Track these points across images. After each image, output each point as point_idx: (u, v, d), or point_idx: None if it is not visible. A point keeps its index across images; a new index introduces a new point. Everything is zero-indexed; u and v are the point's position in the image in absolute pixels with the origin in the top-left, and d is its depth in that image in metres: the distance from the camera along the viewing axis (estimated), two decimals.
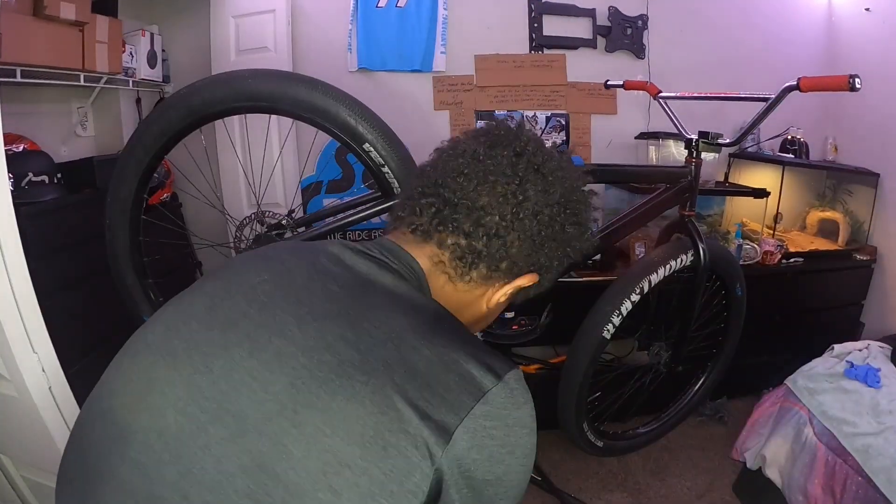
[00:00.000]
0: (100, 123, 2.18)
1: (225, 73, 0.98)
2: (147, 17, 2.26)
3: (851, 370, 1.74)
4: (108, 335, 1.66)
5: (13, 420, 1.10)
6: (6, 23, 1.39)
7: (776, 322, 2.34)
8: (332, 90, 0.94)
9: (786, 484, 1.70)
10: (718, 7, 2.53)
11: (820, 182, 2.67)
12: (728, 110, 1.96)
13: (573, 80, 2.51)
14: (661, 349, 1.49)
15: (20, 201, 1.18)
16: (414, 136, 2.37)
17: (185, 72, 2.38)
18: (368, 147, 0.96)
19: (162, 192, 2.09)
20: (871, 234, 2.51)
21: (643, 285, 1.28)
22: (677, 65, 2.52)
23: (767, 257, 2.26)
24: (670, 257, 1.32)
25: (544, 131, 2.55)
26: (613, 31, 2.47)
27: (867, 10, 2.44)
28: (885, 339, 1.98)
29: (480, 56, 2.45)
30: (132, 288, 1.10)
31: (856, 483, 1.48)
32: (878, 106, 2.38)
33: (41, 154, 1.63)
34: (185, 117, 0.96)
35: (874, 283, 2.51)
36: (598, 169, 1.39)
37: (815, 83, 1.04)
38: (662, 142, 2.34)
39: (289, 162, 2.36)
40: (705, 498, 1.96)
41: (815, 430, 1.64)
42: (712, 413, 2.37)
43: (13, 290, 0.98)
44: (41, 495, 1.24)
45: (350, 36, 2.36)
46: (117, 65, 1.93)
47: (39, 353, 1.03)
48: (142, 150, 1.00)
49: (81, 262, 1.56)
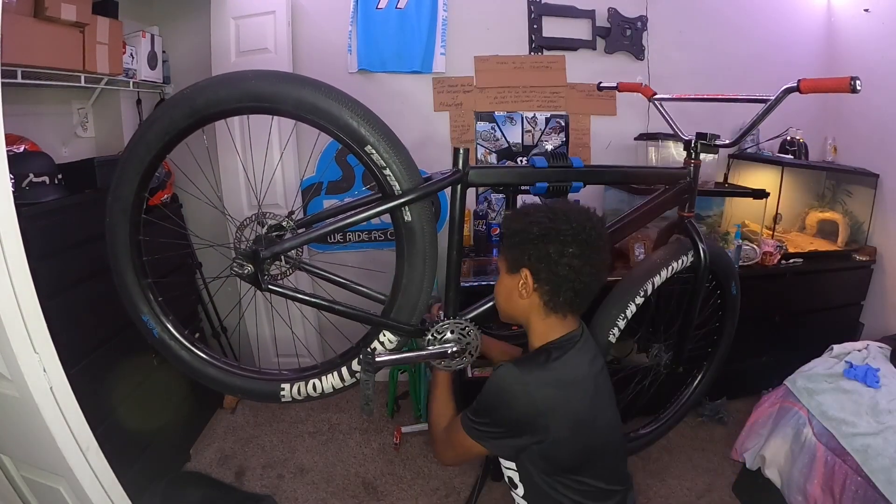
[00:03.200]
0: (100, 124, 2.18)
1: (228, 73, 0.97)
2: (147, 18, 2.27)
3: (851, 370, 1.74)
4: (108, 336, 1.67)
5: (14, 420, 1.10)
6: (7, 24, 1.39)
7: (776, 322, 2.35)
8: (335, 92, 0.94)
9: (785, 484, 1.70)
10: (718, 8, 2.54)
11: (819, 183, 2.68)
12: (727, 111, 1.95)
13: (573, 82, 2.52)
14: (660, 350, 1.49)
15: (21, 202, 1.18)
16: (414, 137, 2.42)
17: (185, 73, 2.38)
18: (370, 149, 0.96)
19: (162, 193, 2.09)
20: (870, 234, 2.51)
21: (647, 288, 1.28)
22: (677, 66, 2.52)
23: (767, 258, 2.27)
24: (672, 258, 1.32)
25: (544, 132, 2.55)
26: (613, 33, 2.47)
27: (866, 11, 2.44)
28: (885, 340, 1.98)
29: (480, 57, 2.46)
30: (131, 287, 1.10)
31: (855, 483, 1.48)
32: (878, 107, 2.39)
33: (42, 155, 1.63)
34: (188, 117, 0.95)
35: (873, 284, 2.51)
36: (598, 170, 1.39)
37: (815, 85, 1.03)
38: (662, 143, 2.34)
39: (289, 163, 2.36)
40: (705, 498, 1.96)
41: (815, 430, 1.64)
42: (712, 414, 2.38)
43: (14, 291, 0.98)
44: (41, 495, 1.25)
45: (350, 37, 2.36)
46: (118, 66, 1.93)
47: (40, 354, 1.04)
48: (144, 148, 1.00)
49: (82, 263, 1.56)
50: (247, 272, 1.02)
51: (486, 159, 2.54)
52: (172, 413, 2.08)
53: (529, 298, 0.93)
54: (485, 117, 2.52)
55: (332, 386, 1.12)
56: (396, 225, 1.03)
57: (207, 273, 2.41)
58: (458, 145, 1.10)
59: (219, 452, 2.24)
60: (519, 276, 0.93)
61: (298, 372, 1.16)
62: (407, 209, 1.01)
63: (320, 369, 1.14)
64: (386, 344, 1.11)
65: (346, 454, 2.24)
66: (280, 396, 1.13)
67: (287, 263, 1.10)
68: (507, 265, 0.96)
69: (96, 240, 1.14)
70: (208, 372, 1.14)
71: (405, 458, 2.20)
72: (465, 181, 1.08)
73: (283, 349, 2.37)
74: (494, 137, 2.54)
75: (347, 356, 1.14)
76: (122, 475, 1.25)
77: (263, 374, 1.16)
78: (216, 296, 2.54)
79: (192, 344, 1.15)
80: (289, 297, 1.07)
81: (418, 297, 1.07)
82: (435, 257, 1.06)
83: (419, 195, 1.00)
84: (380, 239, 2.59)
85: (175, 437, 2.13)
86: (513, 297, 0.96)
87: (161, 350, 1.14)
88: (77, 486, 1.13)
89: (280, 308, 1.80)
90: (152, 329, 1.12)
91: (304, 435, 2.37)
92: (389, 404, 2.49)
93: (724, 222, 2.44)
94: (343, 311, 1.09)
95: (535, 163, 1.17)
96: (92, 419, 1.17)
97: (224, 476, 2.09)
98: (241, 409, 2.54)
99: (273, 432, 2.38)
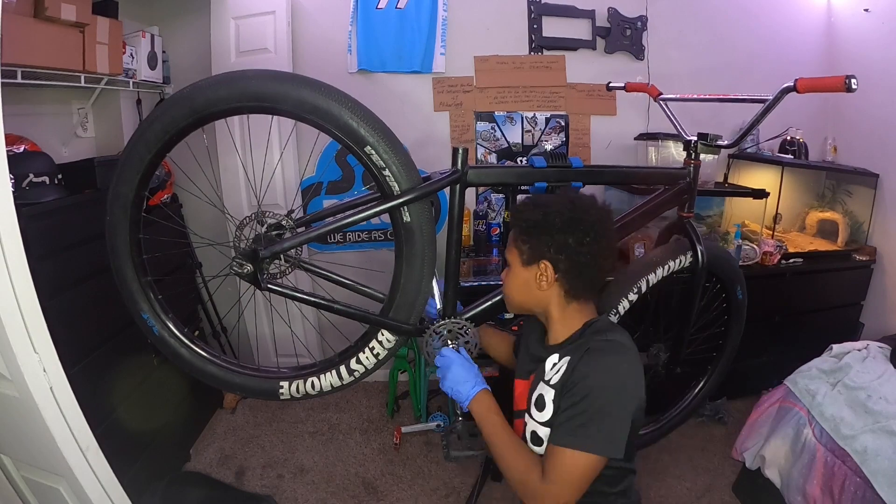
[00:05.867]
0: (100, 124, 2.19)
1: (228, 72, 0.98)
2: (147, 18, 2.27)
3: (851, 370, 1.74)
4: (108, 336, 1.67)
5: (14, 420, 1.10)
6: (7, 24, 1.39)
7: (776, 322, 2.35)
8: (335, 92, 0.95)
9: (785, 484, 1.70)
10: (717, 8, 2.54)
11: (819, 183, 2.68)
12: (728, 111, 1.95)
13: (573, 81, 2.52)
14: (659, 350, 1.49)
15: (21, 202, 1.18)
16: (414, 137, 2.42)
17: (185, 73, 2.39)
18: (370, 150, 0.96)
19: (163, 193, 2.09)
20: (870, 234, 2.51)
21: (641, 285, 1.28)
22: (676, 66, 2.52)
23: (767, 258, 2.27)
24: (669, 258, 1.33)
25: (543, 132, 2.55)
26: (613, 33, 2.47)
27: (866, 10, 2.44)
28: (885, 340, 1.98)
29: (480, 57, 2.46)
30: (132, 285, 1.10)
31: (854, 484, 1.48)
32: (878, 106, 2.39)
33: (42, 155, 1.63)
34: (188, 116, 0.96)
35: (873, 284, 2.51)
36: (597, 170, 1.39)
37: (812, 84, 1.04)
38: (662, 143, 2.34)
39: (289, 163, 2.36)
40: (705, 498, 1.96)
41: (815, 430, 1.64)
42: (712, 413, 2.38)
43: (14, 291, 0.98)
44: (41, 495, 1.25)
45: (350, 37, 2.36)
46: (118, 66, 1.93)
47: (40, 354, 1.04)
48: (144, 147, 1.00)
49: (82, 263, 1.56)
50: (246, 271, 1.02)
51: (486, 159, 2.55)
52: (172, 413, 2.08)
53: (550, 289, 0.92)
54: (485, 117, 2.52)
55: (330, 384, 1.13)
56: (395, 225, 1.04)
57: (207, 272, 2.42)
58: (457, 145, 1.10)
59: (219, 452, 2.24)
60: (536, 268, 0.91)
61: (297, 370, 1.16)
62: (406, 209, 1.01)
63: (319, 367, 1.15)
64: (384, 343, 1.12)
65: (346, 454, 2.24)
66: (279, 394, 1.13)
67: (286, 262, 1.10)
68: (522, 257, 0.93)
69: (96, 240, 1.14)
70: (208, 370, 1.14)
71: (405, 458, 2.20)
72: (464, 181, 1.09)
73: (282, 348, 2.37)
74: (494, 137, 2.54)
75: (346, 355, 1.14)
76: (122, 475, 1.25)
77: (262, 372, 1.16)
78: (216, 295, 2.54)
79: (191, 342, 1.15)
80: (288, 296, 1.07)
81: (416, 296, 1.08)
82: (434, 257, 1.07)
83: (418, 195, 1.00)
84: (379, 239, 2.59)
85: (175, 437, 2.13)
86: (530, 289, 0.94)
87: (161, 348, 1.15)
88: (77, 486, 1.13)
89: (279, 307, 1.80)
90: (152, 327, 1.12)
91: (304, 435, 2.37)
92: (389, 404, 2.49)
93: (724, 222, 2.44)
94: (342, 311, 1.10)
95: (535, 163, 1.17)
96: (92, 419, 1.17)
97: (224, 476, 2.09)
98: (241, 409, 2.54)
99: (273, 432, 2.38)
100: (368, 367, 1.13)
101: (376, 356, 1.13)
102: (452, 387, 0.97)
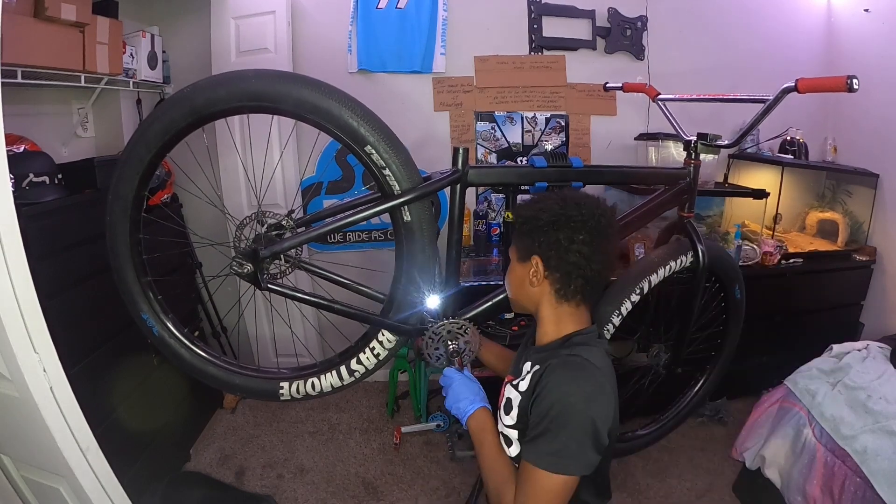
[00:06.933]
0: (100, 124, 2.18)
1: (228, 72, 0.98)
2: (147, 18, 2.27)
3: (851, 370, 1.74)
4: (108, 336, 1.67)
5: (14, 420, 1.10)
6: (7, 24, 1.39)
7: (776, 322, 2.34)
8: (335, 92, 0.95)
9: (785, 484, 1.70)
10: (718, 8, 2.54)
11: (819, 183, 2.68)
12: (727, 112, 1.95)
13: (573, 81, 2.52)
14: (660, 350, 1.49)
15: (21, 202, 1.18)
16: (414, 137, 2.42)
17: (185, 73, 2.38)
18: (370, 149, 0.96)
19: (163, 193, 2.09)
20: (870, 234, 2.51)
21: (643, 286, 1.28)
22: (677, 66, 2.52)
23: (767, 258, 2.27)
24: (670, 258, 1.33)
25: (544, 132, 2.55)
26: (613, 33, 2.47)
27: (866, 11, 2.44)
28: (885, 340, 1.98)
29: (480, 57, 2.46)
30: (132, 285, 1.10)
31: (854, 484, 1.48)
32: (878, 106, 2.39)
33: (42, 155, 1.63)
34: (188, 115, 0.96)
35: (873, 284, 2.51)
36: (598, 170, 1.39)
37: (812, 84, 1.04)
38: (662, 143, 2.34)
39: (289, 163, 2.36)
40: (705, 498, 1.96)
41: (815, 430, 1.64)
42: (712, 413, 2.38)
43: (14, 291, 0.98)
44: (41, 495, 1.25)
45: (350, 37, 2.36)
46: (118, 66, 1.93)
47: (40, 354, 1.04)
48: (144, 147, 1.00)
49: (82, 263, 1.56)
50: (246, 271, 1.03)
51: (486, 159, 2.55)
52: (172, 413, 2.08)
53: (540, 286, 0.92)
54: (485, 117, 2.52)
55: (330, 385, 1.13)
56: (396, 224, 1.04)
57: (207, 272, 2.41)
58: (458, 145, 1.10)
59: (219, 452, 2.24)
60: (530, 264, 0.92)
61: (297, 370, 1.16)
62: (406, 209, 1.01)
63: (319, 368, 1.15)
64: (385, 343, 1.12)
65: (346, 454, 2.24)
66: (279, 395, 1.13)
67: (286, 262, 1.10)
68: (518, 253, 0.95)
69: (96, 240, 1.14)
70: (208, 370, 1.14)
71: (405, 458, 2.20)
72: (464, 181, 1.09)
73: (282, 348, 2.37)
74: (494, 137, 2.54)
75: (346, 355, 1.14)
76: (122, 475, 1.25)
77: (263, 373, 1.17)
78: (216, 295, 2.54)
79: (191, 342, 1.15)
80: (288, 296, 1.07)
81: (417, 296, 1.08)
82: (434, 257, 1.07)
83: (418, 195, 1.00)
84: (379, 239, 2.59)
85: (175, 437, 2.13)
86: (524, 285, 0.94)
87: (161, 348, 1.15)
88: (77, 486, 1.13)
89: (280, 307, 1.80)
90: (152, 327, 1.13)
91: (304, 435, 2.37)
92: (389, 404, 2.49)
93: (724, 222, 2.44)
94: (342, 311, 1.10)
95: (535, 163, 1.17)
96: (92, 419, 1.17)
97: (224, 476, 2.09)
98: (241, 409, 2.54)
99: (273, 432, 2.38)
100: (369, 367, 1.13)
101: (377, 356, 1.13)
102: (453, 404, 0.99)
